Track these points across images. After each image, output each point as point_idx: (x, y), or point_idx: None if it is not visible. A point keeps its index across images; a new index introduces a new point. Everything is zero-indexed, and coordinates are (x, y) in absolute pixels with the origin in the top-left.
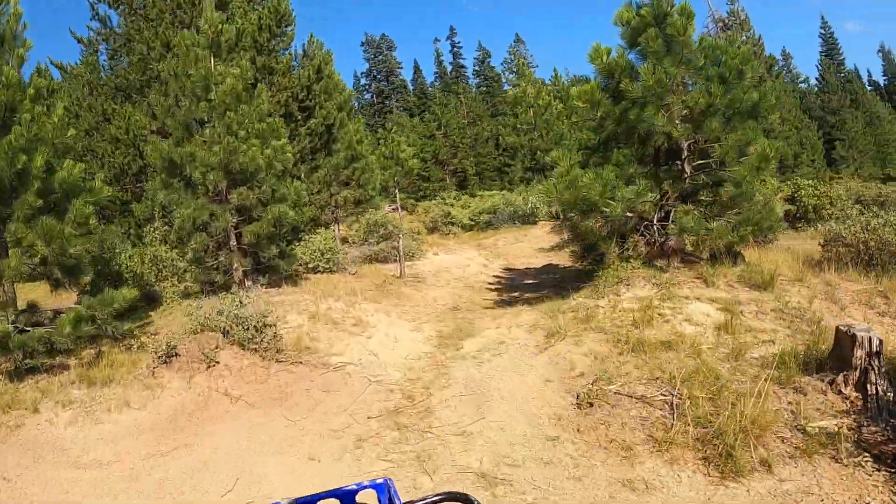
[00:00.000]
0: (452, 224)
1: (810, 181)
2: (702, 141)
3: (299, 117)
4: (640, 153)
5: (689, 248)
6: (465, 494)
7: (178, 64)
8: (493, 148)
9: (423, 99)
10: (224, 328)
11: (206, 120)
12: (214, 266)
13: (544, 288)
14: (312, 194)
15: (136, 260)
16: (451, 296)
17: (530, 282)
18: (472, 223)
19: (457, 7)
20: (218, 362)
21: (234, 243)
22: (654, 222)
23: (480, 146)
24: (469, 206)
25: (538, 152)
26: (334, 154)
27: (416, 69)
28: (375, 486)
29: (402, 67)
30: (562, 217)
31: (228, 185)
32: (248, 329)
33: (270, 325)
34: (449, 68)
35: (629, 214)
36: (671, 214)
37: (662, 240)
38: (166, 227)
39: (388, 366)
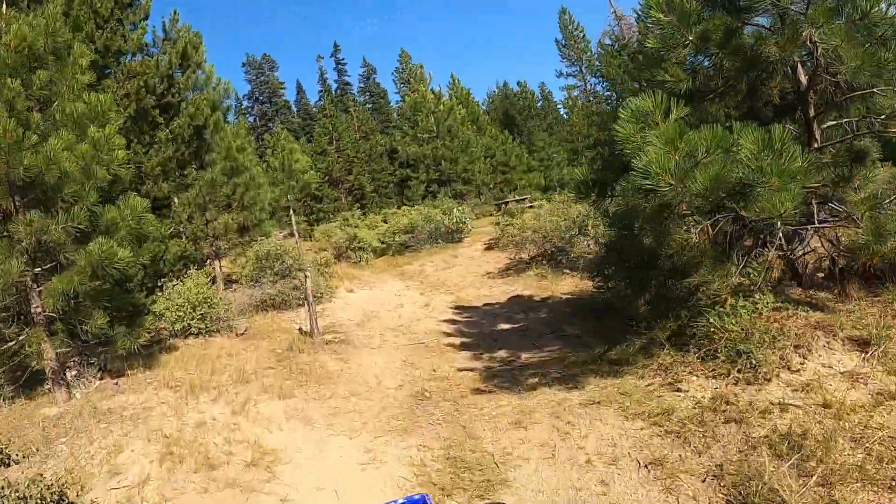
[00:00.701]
0: (362, 249)
1: None
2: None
3: (160, 120)
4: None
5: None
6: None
7: None
8: (388, 163)
9: (308, 120)
10: None
11: None
12: (12, 350)
13: (546, 341)
14: (182, 222)
15: None
16: (400, 368)
17: (509, 328)
18: (384, 245)
19: (339, 24)
20: None
21: (39, 309)
22: (815, 223)
23: (375, 161)
24: (377, 226)
25: (443, 162)
26: (209, 167)
27: (300, 89)
28: (412, 502)
29: (285, 88)
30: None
31: (16, 206)
32: None
33: None
34: (334, 86)
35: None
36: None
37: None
38: None
39: None
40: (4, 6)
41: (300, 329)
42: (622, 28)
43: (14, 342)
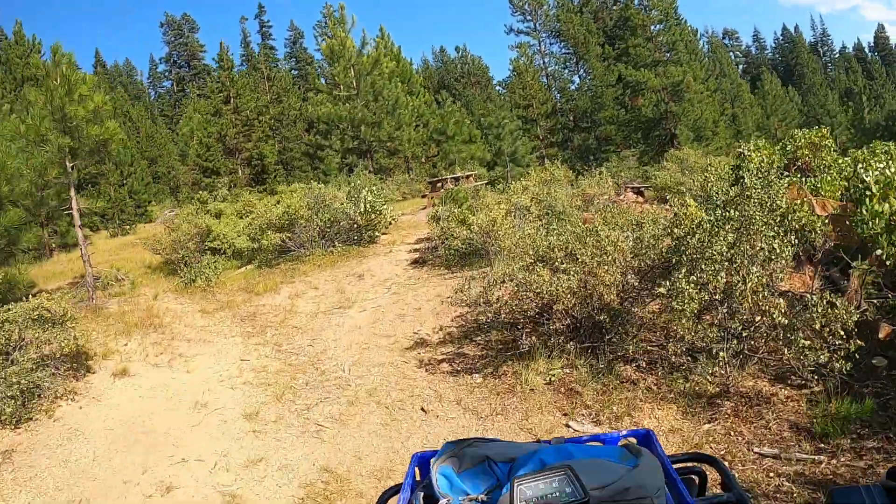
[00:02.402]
0: (216, 252)
1: None
2: None
3: None
4: None
5: None
6: (713, 457)
7: None
8: (304, 132)
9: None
10: None
11: None
12: None
13: None
14: None
15: None
16: None
17: None
18: (255, 247)
19: None
20: None
21: None
22: None
23: (287, 129)
24: (250, 216)
25: (363, 127)
26: None
27: (222, 52)
28: (637, 435)
29: (205, 51)
30: None
31: None
32: None
33: None
34: (257, 50)
35: None
36: None
37: None
38: None
39: None
40: None
41: None
42: None
43: None
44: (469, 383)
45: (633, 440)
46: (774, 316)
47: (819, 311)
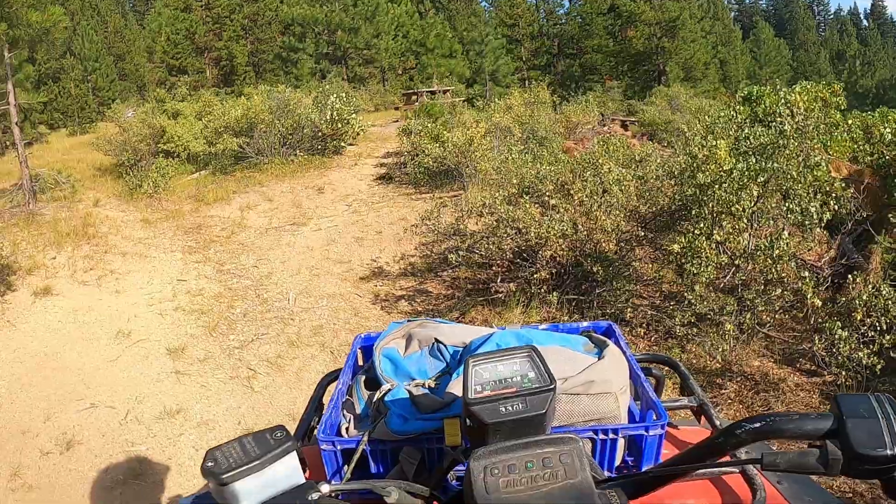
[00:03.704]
0: (170, 156)
1: None
2: None
3: None
4: None
5: None
6: (673, 360)
7: None
8: (279, 34)
9: None
10: None
11: None
12: None
13: None
14: None
15: None
16: None
17: None
18: (211, 152)
19: None
20: None
21: None
22: None
23: (261, 30)
24: (209, 116)
25: (339, 32)
26: None
27: None
28: (598, 328)
29: None
30: None
31: None
32: None
33: None
34: None
35: None
36: None
37: None
38: None
39: None
40: None
41: None
42: None
43: None
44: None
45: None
46: (808, 296)
47: (863, 298)
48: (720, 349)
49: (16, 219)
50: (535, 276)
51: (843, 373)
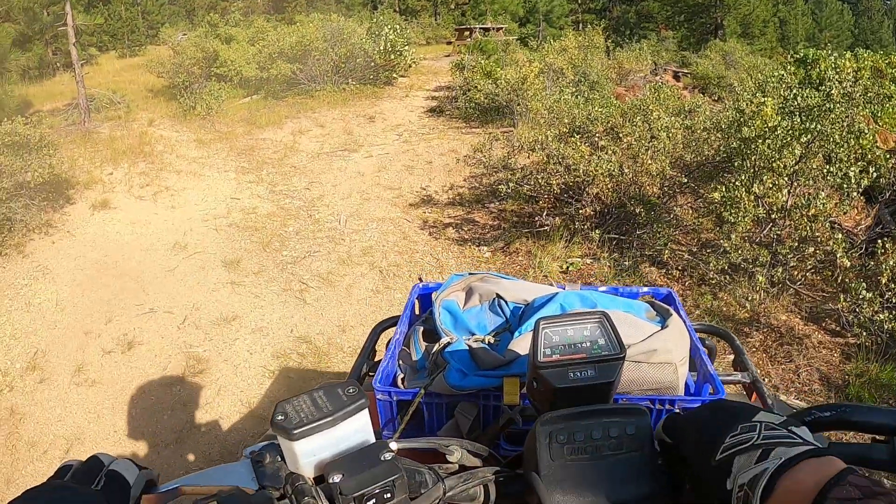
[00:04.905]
0: (222, 80)
1: None
2: None
3: None
4: None
5: None
6: (728, 332)
7: None
8: None
9: None
10: None
11: None
12: None
13: None
14: None
15: None
16: None
17: None
18: (264, 78)
19: None
20: None
21: None
22: None
23: None
24: (262, 42)
25: None
26: None
27: None
28: (658, 294)
29: None
30: None
31: None
32: None
33: None
34: None
35: None
36: None
37: None
38: None
39: None
40: None
41: None
42: None
43: None
44: (476, 256)
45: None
46: (838, 255)
47: (890, 263)
48: (750, 299)
49: (72, 136)
50: (579, 212)
51: (864, 334)
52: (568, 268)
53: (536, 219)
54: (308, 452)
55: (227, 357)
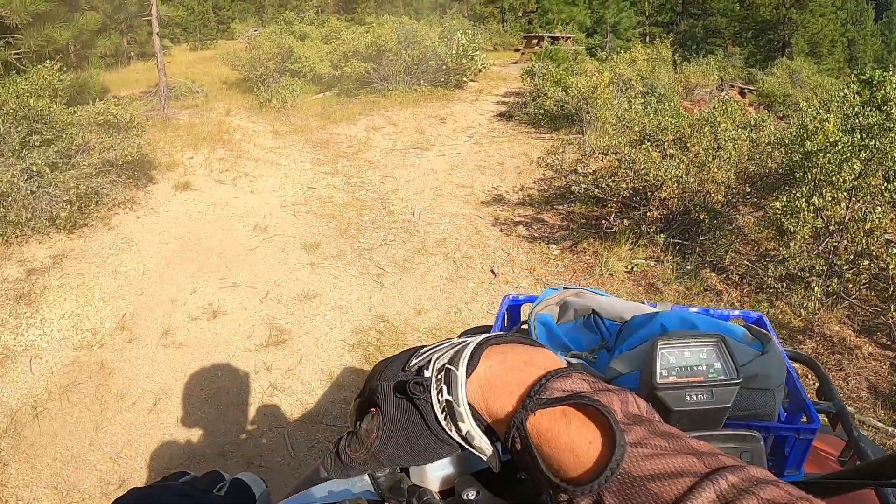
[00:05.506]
0: (296, 75)
1: None
2: None
3: None
4: None
5: None
6: (814, 361)
7: None
8: None
9: None
10: None
11: None
12: None
13: None
14: None
15: None
16: None
17: None
18: (337, 75)
19: None
20: None
21: None
22: None
23: None
24: (337, 41)
25: None
26: None
27: None
28: (748, 317)
29: None
30: None
31: None
32: None
33: None
34: None
35: None
36: None
37: None
38: None
39: None
40: None
41: None
42: None
43: None
44: (544, 253)
45: (741, 319)
46: (891, 269)
47: None
48: (806, 307)
49: (152, 121)
50: (646, 216)
51: None
52: (633, 268)
53: (604, 221)
54: (438, 467)
55: (309, 330)
